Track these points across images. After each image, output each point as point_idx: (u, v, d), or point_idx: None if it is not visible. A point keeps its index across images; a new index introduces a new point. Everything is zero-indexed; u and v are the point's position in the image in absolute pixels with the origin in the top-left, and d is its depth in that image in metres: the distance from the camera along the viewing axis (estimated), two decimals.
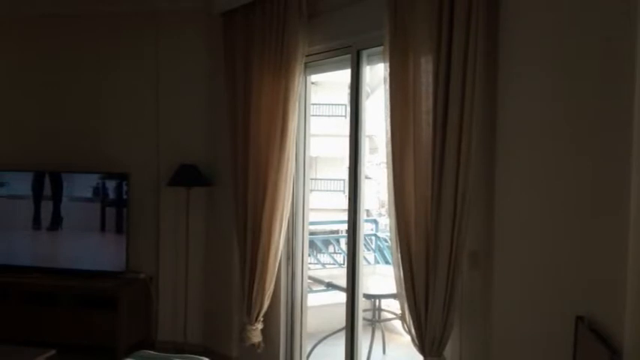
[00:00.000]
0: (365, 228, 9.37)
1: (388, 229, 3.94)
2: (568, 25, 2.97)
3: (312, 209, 5.42)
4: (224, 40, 5.36)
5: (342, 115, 18.96)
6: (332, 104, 19.27)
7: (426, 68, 3.56)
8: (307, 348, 5.38)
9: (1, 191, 6.30)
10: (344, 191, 17.22)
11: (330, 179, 20.13)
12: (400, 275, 3.72)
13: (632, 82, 2.31)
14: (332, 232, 10.28)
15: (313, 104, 5.25)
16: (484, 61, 3.35)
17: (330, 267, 9.54)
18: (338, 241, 9.96)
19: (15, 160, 6.29)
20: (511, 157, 3.34)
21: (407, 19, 3.64)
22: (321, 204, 15.62)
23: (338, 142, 15.64)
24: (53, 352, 4.78)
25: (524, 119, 3.25)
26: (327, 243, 9.79)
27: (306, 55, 4.76)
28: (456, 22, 3.36)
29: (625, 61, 2.38)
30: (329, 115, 19.51)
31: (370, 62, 4.47)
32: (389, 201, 3.81)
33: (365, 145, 4.52)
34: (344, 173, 4.80)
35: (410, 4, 3.60)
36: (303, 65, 4.75)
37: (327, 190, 20.09)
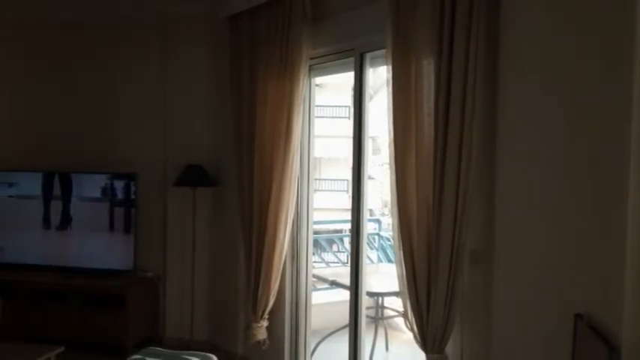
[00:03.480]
0: (368, 227, 9.35)
1: (391, 228, 3.94)
2: (567, 25, 2.96)
3: (316, 209, 5.42)
4: (230, 43, 5.36)
5: (345, 117, 18.93)
6: (335, 106, 19.24)
7: (427, 70, 3.56)
8: (312, 345, 5.37)
9: (12, 191, 6.30)
10: (347, 191, 17.19)
11: (334, 179, 20.09)
12: (403, 273, 3.72)
13: (630, 82, 2.30)
14: (336, 231, 10.27)
15: (317, 106, 5.23)
16: (485, 63, 3.34)
17: (334, 265, 9.54)
18: (342, 240, 9.94)
19: (25, 161, 6.30)
20: (511, 156, 3.33)
21: (409, 22, 3.63)
22: (325, 204, 15.60)
23: (342, 143, 15.62)
24: (62, 348, 4.79)
25: (524, 119, 3.24)
26: (331, 242, 9.77)
27: (311, 58, 4.75)
28: (457, 24, 3.35)
29: (624, 59, 2.37)
30: (333, 117, 19.48)
31: (373, 65, 4.46)
32: (391, 201, 3.80)
33: (368, 146, 4.51)
34: (347, 174, 4.80)
35: (412, 7, 3.60)
36: (307, 68, 4.74)
37: (331, 190, 20.06)
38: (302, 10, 4.63)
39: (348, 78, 4.67)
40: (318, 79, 5.41)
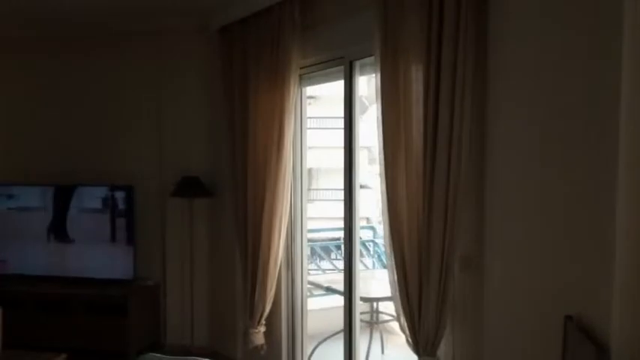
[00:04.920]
0: (364, 235, 9.30)
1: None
2: (556, 31, 2.89)
3: (315, 218, 5.36)
4: (221, 54, 5.33)
5: (342, 128, 18.90)
6: (333, 117, 19.26)
7: (416, 77, 3.46)
8: (308, 349, 5.29)
9: (14, 203, 6.25)
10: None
11: (332, 189, 20.09)
12: (394, 279, 3.63)
13: (624, 85, 2.22)
14: (333, 239, 10.19)
15: (316, 118, 5.18)
16: (473, 70, 3.25)
17: (330, 272, 9.46)
18: (339, 247, 9.87)
19: (26, 174, 6.24)
20: (501, 162, 3.25)
21: (397, 28, 3.54)
22: (324, 213, 15.58)
23: (339, 154, 15.59)
24: (65, 356, 4.73)
25: (513, 125, 3.17)
26: (327, 250, 9.72)
27: (301, 67, 4.67)
28: (445, 31, 3.26)
29: (613, 65, 2.29)
30: (331, 128, 19.49)
31: (363, 73, 4.37)
32: (382, 207, 3.71)
33: (363, 155, 4.43)
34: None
35: (400, 14, 3.51)
36: (297, 77, 4.66)
37: (329, 200, 20.06)
38: (291, 20, 4.55)
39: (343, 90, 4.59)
40: (313, 92, 5.34)
